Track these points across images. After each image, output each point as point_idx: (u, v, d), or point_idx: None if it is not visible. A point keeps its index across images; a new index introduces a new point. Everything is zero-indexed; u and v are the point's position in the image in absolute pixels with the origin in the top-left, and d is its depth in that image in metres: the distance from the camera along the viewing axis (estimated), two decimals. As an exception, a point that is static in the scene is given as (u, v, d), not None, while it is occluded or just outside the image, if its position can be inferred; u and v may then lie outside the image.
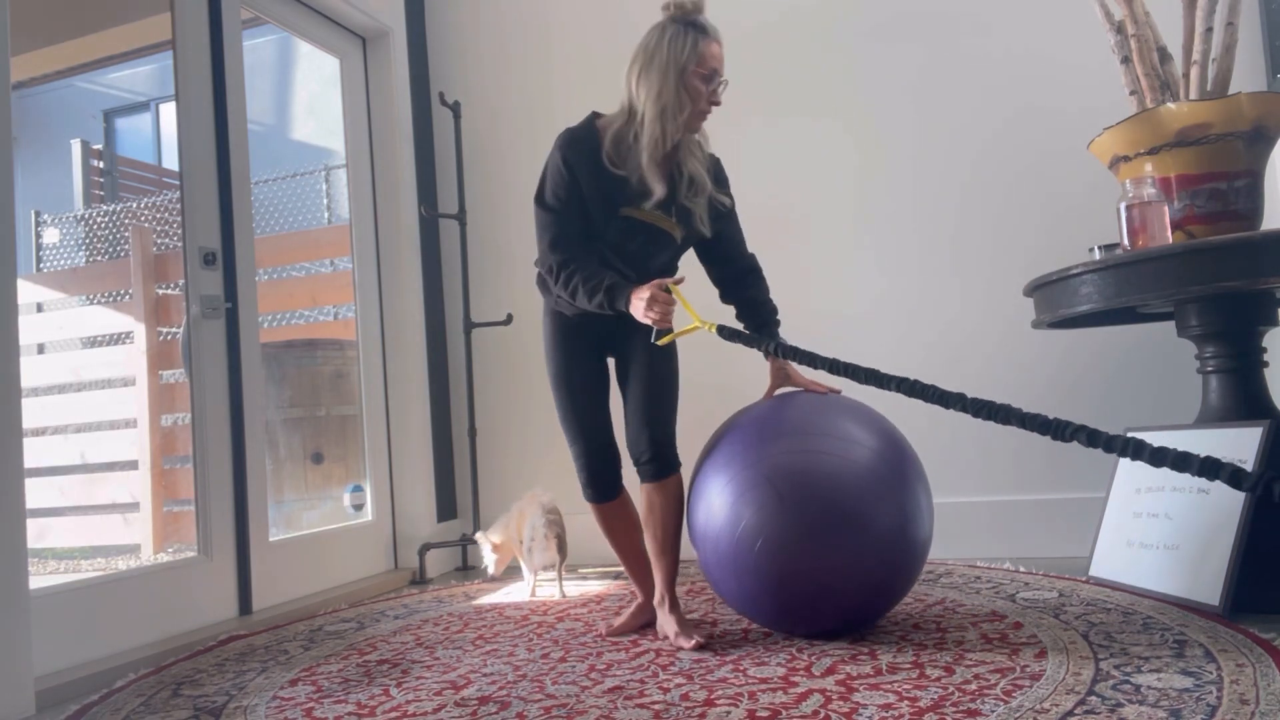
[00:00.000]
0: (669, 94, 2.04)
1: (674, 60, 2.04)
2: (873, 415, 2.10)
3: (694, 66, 2.04)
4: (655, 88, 2.04)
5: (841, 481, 1.92)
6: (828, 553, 1.90)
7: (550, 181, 2.11)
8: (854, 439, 2.00)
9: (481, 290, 3.59)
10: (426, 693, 1.86)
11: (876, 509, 1.92)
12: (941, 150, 3.09)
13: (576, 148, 2.09)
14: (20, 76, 4.16)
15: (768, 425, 2.06)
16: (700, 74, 2.05)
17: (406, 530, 3.41)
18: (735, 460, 2.01)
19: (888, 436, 2.05)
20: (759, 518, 1.92)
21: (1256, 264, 1.91)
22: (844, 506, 1.90)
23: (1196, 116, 2.10)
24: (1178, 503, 2.19)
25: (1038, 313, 2.40)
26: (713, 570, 2.05)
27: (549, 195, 2.12)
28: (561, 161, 2.09)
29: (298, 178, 6.19)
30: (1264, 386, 2.23)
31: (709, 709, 1.64)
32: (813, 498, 1.91)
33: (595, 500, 2.25)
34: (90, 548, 4.41)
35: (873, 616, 2.07)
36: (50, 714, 1.91)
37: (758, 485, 1.94)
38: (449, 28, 3.77)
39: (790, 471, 1.94)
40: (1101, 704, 1.50)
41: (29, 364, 4.20)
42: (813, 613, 1.99)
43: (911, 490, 1.99)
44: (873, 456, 1.98)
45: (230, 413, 2.74)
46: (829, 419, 2.04)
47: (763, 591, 1.97)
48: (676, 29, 2.06)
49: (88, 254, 5.90)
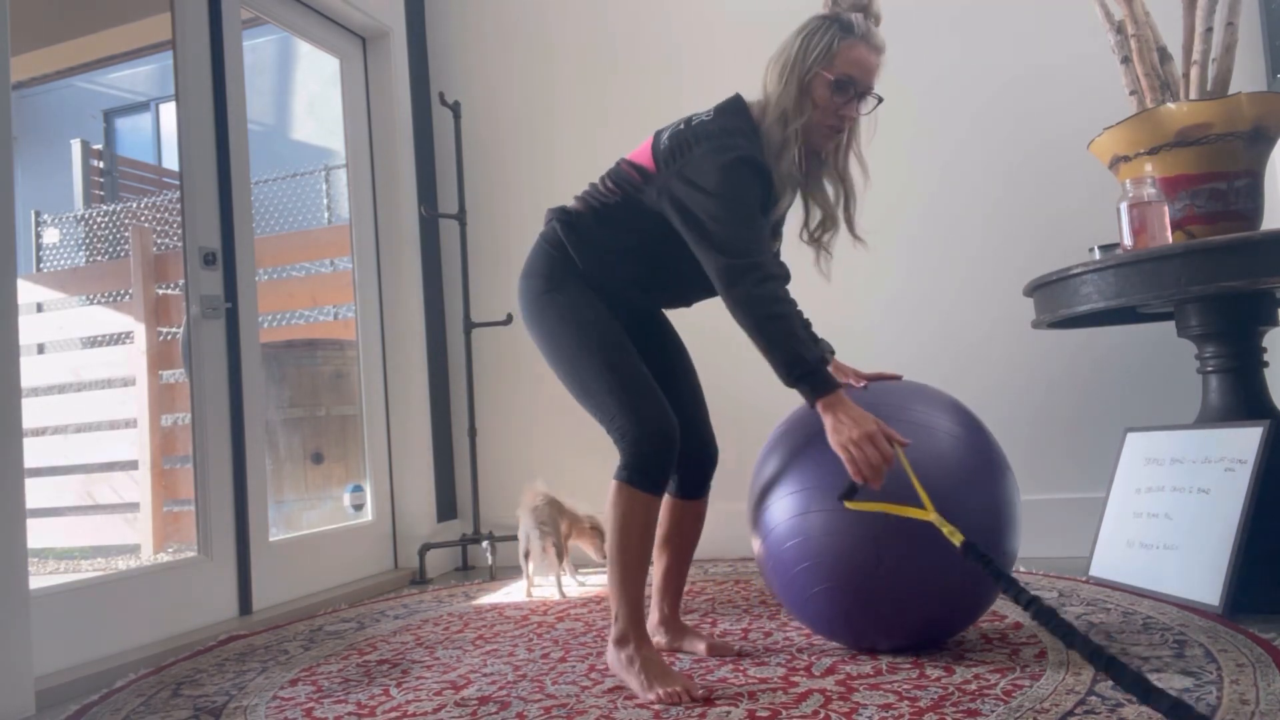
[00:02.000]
0: (788, 98, 1.77)
1: (801, 58, 1.77)
2: (953, 402, 1.90)
3: (821, 69, 1.75)
4: (776, 87, 1.79)
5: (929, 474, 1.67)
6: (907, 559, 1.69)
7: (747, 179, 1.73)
8: (938, 426, 1.78)
9: (481, 290, 3.59)
10: (426, 693, 1.86)
11: (966, 504, 1.70)
12: (941, 150, 3.09)
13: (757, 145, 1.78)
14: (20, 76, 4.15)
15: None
16: (827, 80, 1.76)
17: (406, 530, 3.41)
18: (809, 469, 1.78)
19: (973, 424, 1.85)
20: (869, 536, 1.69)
21: (1256, 264, 1.91)
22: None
23: (1196, 116, 2.10)
24: (1178, 503, 2.19)
25: (1038, 313, 2.40)
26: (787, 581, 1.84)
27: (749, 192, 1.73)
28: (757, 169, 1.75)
29: (298, 178, 6.19)
30: (1264, 386, 2.23)
31: (709, 709, 1.64)
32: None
33: (650, 489, 1.73)
34: (90, 548, 4.41)
35: (949, 631, 1.88)
36: (50, 714, 1.91)
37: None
38: (449, 28, 3.77)
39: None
40: (1101, 704, 1.50)
41: (29, 364, 4.20)
42: (887, 625, 1.80)
43: (1002, 485, 1.79)
44: (959, 445, 1.77)
45: (230, 413, 2.74)
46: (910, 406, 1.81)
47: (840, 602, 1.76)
48: (820, 22, 1.79)
49: (88, 254, 5.90)
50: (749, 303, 1.67)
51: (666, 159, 1.79)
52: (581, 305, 1.82)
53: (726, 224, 1.69)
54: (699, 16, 3.38)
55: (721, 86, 3.36)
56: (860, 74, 1.78)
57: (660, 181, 1.79)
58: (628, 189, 1.84)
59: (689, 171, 1.74)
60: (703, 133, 1.77)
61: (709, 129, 1.77)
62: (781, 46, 1.82)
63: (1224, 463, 2.12)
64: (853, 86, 1.78)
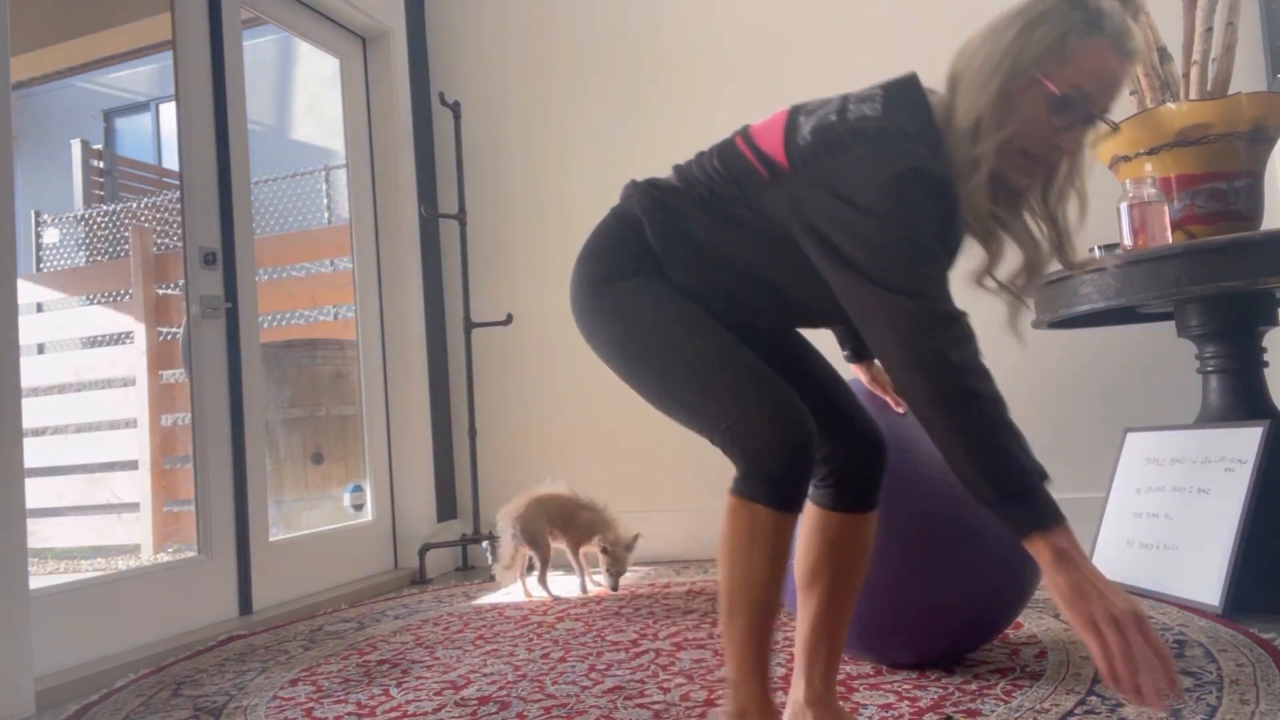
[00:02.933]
0: (984, 101, 1.23)
1: (1016, 50, 1.21)
2: None
3: (1042, 73, 1.20)
4: (971, 83, 1.25)
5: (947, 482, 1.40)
6: (930, 569, 1.62)
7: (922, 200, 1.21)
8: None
9: (481, 290, 3.59)
10: (426, 693, 1.86)
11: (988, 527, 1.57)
12: (941, 150, 3.08)
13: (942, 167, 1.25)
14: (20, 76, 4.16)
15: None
16: (1048, 91, 1.20)
17: (406, 530, 3.41)
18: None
19: None
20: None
21: (1256, 264, 1.91)
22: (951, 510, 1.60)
23: (1196, 116, 2.10)
24: (1178, 503, 2.19)
25: (1038, 313, 2.40)
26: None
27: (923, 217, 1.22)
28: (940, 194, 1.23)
29: (298, 178, 6.19)
30: (1264, 386, 2.23)
31: (709, 709, 1.64)
32: (914, 504, 1.62)
33: (788, 506, 1.25)
34: (90, 548, 4.41)
35: (971, 646, 1.81)
36: (50, 714, 1.91)
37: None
38: (449, 28, 3.77)
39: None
40: (1101, 704, 1.50)
41: (29, 364, 4.20)
42: (908, 639, 1.73)
43: None
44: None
45: (230, 413, 2.74)
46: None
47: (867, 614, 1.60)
48: (1059, 5, 1.21)
49: (88, 254, 5.91)
50: (941, 369, 1.17)
51: (807, 159, 1.28)
52: (653, 294, 1.38)
53: (889, 253, 1.20)
54: (699, 16, 3.37)
55: (722, 86, 3.38)
56: (1099, 90, 1.22)
57: (794, 188, 1.28)
58: (745, 183, 1.34)
59: (838, 181, 1.24)
60: (864, 131, 1.25)
61: (873, 127, 1.25)
62: (989, 28, 1.27)
63: (1224, 463, 2.12)
64: (1083, 106, 1.22)
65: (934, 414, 1.17)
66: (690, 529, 3.22)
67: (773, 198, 1.31)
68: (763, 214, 1.32)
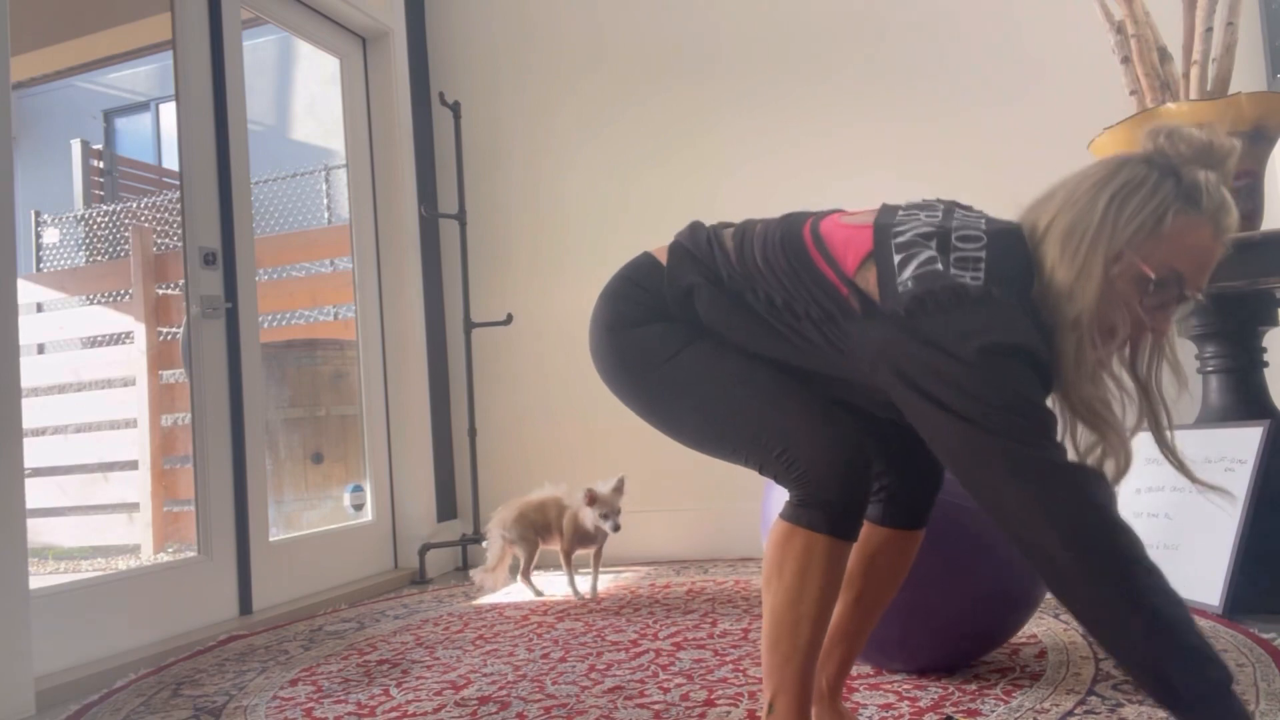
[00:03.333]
0: (1088, 292, 1.12)
1: (1109, 226, 1.12)
2: None
3: (1135, 253, 1.12)
4: (1073, 271, 1.14)
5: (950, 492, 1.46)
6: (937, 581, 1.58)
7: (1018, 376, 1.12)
8: None
9: (481, 290, 3.59)
10: (426, 693, 1.86)
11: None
12: (942, 150, 3.08)
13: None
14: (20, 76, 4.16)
15: None
16: (1141, 272, 1.12)
17: (406, 530, 3.41)
18: None
19: None
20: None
21: (1256, 264, 1.91)
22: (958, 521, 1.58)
23: (1196, 116, 2.10)
24: (1178, 503, 2.19)
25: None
26: None
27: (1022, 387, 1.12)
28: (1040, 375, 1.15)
29: (298, 178, 6.19)
30: (1264, 386, 2.23)
31: (709, 709, 1.64)
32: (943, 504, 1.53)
33: (846, 534, 1.22)
34: (90, 548, 4.41)
35: (976, 655, 1.78)
36: (50, 714, 1.91)
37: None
38: (449, 28, 3.77)
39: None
40: (1101, 704, 1.50)
41: (29, 364, 4.20)
42: (914, 651, 1.71)
43: None
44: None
45: (230, 413, 2.74)
46: None
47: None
48: (1147, 173, 1.14)
49: (88, 254, 5.91)
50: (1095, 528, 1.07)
51: (911, 309, 1.14)
52: (672, 334, 1.32)
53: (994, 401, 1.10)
54: (699, 16, 3.37)
55: (721, 85, 3.38)
56: (1194, 270, 1.13)
57: (889, 330, 1.17)
58: (832, 310, 1.22)
59: (942, 338, 1.12)
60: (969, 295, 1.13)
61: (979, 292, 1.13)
62: (1071, 190, 1.18)
63: (1224, 463, 2.12)
64: (1178, 287, 1.13)
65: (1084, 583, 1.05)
66: (690, 529, 3.23)
67: (861, 332, 1.20)
68: (840, 344, 1.23)
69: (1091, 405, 1.17)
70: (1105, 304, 1.13)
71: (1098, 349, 1.15)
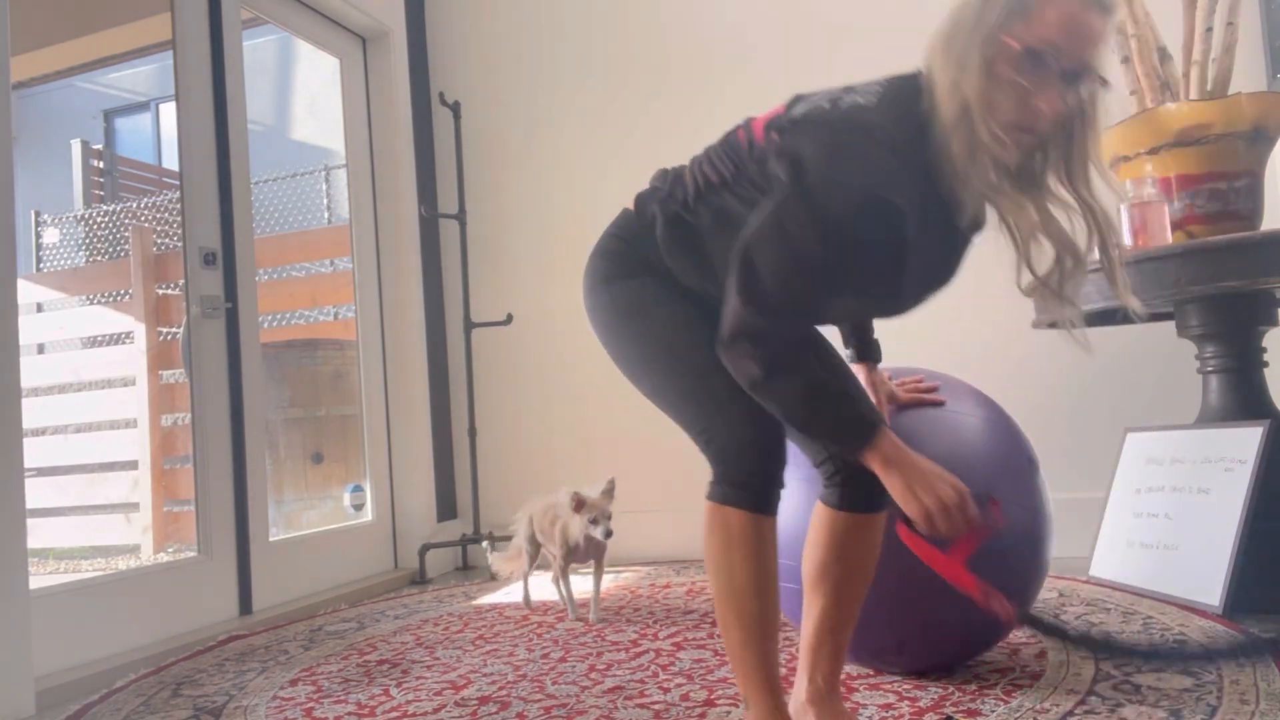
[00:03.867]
0: (971, 83, 1.17)
1: (978, 17, 1.17)
2: (983, 397, 1.78)
3: (1005, 34, 1.16)
4: (953, 68, 1.19)
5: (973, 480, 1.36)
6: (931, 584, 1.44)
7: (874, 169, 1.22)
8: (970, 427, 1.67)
9: (481, 290, 3.59)
10: (426, 693, 1.86)
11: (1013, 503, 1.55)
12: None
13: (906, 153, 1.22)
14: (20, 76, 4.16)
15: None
16: (1013, 50, 1.16)
17: (406, 530, 3.41)
18: None
19: (1006, 424, 1.74)
20: None
21: (1256, 264, 1.91)
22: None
23: (1196, 116, 2.10)
24: (1178, 503, 2.19)
25: (1037, 313, 2.40)
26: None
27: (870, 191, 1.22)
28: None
29: (298, 178, 6.19)
30: (1264, 386, 2.23)
31: (709, 709, 1.64)
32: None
33: (762, 507, 1.31)
34: (90, 548, 4.41)
35: (971, 656, 1.76)
36: (50, 714, 1.91)
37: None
38: (449, 28, 3.77)
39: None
40: (1101, 704, 1.50)
41: (29, 364, 4.20)
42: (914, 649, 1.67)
43: (1035, 483, 1.70)
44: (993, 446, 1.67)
45: (230, 413, 2.74)
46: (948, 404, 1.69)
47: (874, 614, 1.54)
48: None
49: (88, 254, 5.91)
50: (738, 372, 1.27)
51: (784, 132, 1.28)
52: (654, 294, 1.41)
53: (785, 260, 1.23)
54: (697, 16, 3.37)
55: (721, 84, 3.38)
56: (1069, 43, 1.15)
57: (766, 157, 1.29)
58: (738, 161, 1.35)
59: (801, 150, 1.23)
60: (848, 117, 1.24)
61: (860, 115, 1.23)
62: (951, 10, 1.23)
63: (1224, 463, 2.12)
64: (1055, 62, 1.15)
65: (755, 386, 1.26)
66: (690, 529, 3.21)
67: (754, 173, 1.32)
68: (752, 198, 1.31)
69: (988, 195, 1.22)
70: (991, 92, 1.17)
71: (991, 138, 1.17)
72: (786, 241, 1.22)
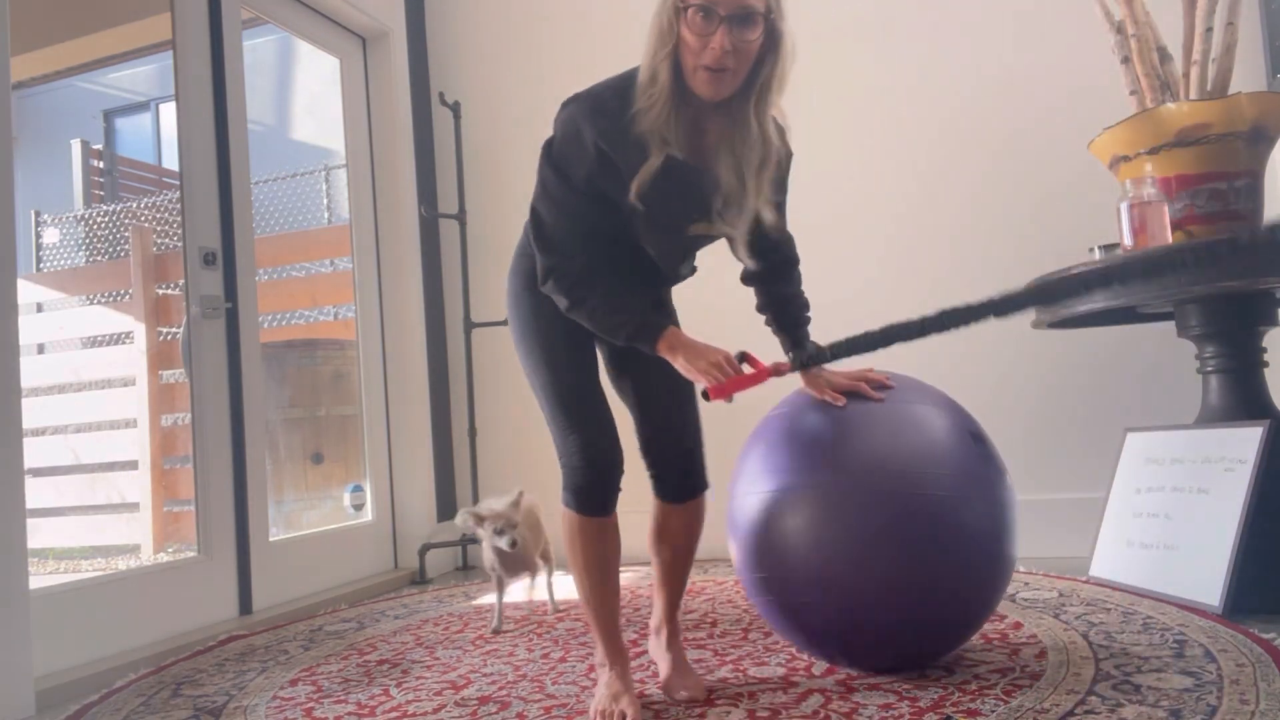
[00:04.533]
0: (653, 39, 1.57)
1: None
2: (948, 400, 1.79)
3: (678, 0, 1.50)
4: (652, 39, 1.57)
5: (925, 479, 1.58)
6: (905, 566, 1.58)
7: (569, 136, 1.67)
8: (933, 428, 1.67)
9: (481, 290, 3.59)
10: (426, 693, 1.86)
11: (965, 512, 1.60)
12: (941, 150, 3.09)
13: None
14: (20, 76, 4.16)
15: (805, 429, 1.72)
16: (686, 9, 1.50)
17: (406, 530, 3.41)
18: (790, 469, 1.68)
19: (965, 424, 1.73)
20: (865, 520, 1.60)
21: (1256, 264, 1.91)
22: (929, 508, 1.58)
23: (1196, 116, 2.10)
24: (1178, 503, 2.19)
25: (1037, 313, 2.40)
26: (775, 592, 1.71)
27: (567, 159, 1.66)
28: None
29: (298, 178, 6.19)
30: (1264, 386, 2.23)
31: (709, 709, 1.64)
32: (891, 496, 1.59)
33: (591, 512, 1.67)
34: (90, 548, 4.41)
35: (943, 650, 1.76)
36: (50, 714, 1.91)
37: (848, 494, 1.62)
38: (449, 28, 3.77)
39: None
40: (1101, 704, 1.50)
41: (29, 364, 4.20)
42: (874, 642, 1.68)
43: (999, 490, 1.69)
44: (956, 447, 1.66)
45: (230, 413, 2.74)
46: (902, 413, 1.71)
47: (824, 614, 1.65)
48: None
49: (88, 254, 5.91)
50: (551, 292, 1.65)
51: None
52: (536, 309, 1.73)
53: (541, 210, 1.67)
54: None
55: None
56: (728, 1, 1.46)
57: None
58: None
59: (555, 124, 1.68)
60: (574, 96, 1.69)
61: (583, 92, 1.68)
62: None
63: (1224, 463, 2.12)
64: (713, 9, 1.46)
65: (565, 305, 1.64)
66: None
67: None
68: None
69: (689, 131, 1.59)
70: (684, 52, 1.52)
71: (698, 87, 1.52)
72: (546, 195, 1.64)
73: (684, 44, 1.51)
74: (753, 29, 1.48)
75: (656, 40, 1.54)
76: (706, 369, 1.54)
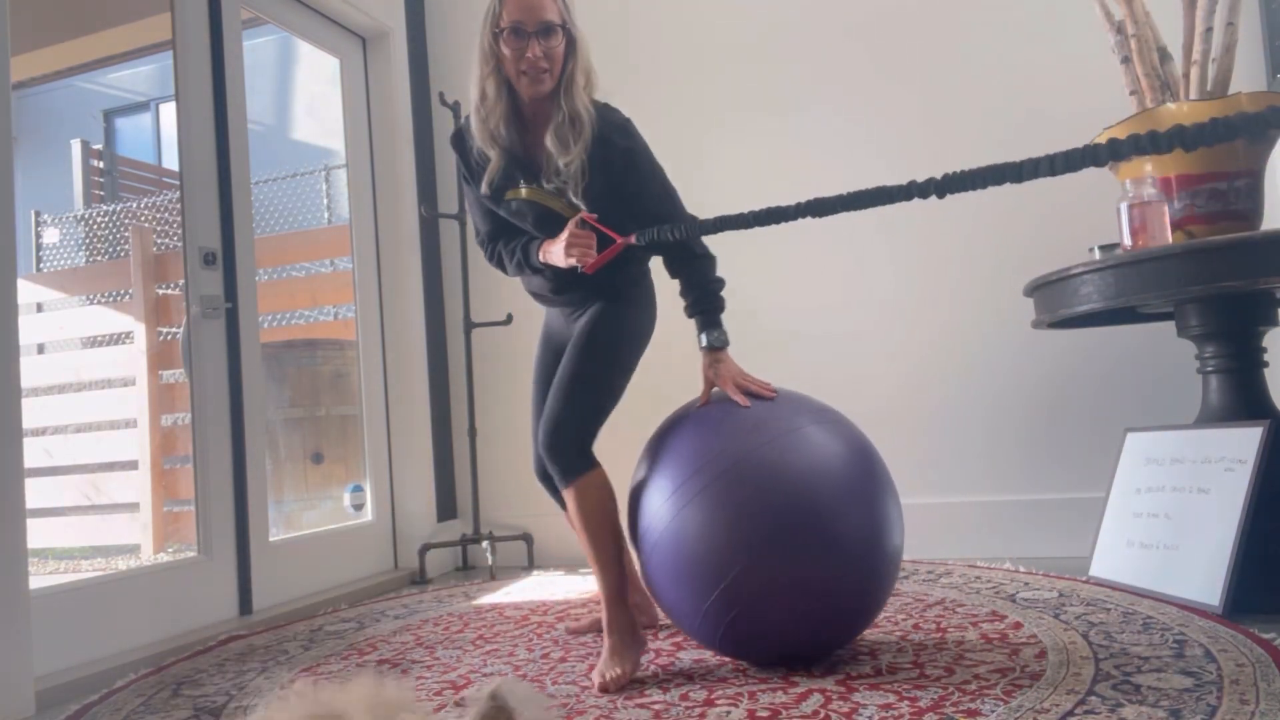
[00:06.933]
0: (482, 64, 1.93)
1: (483, 32, 1.92)
2: (833, 414, 1.89)
3: (494, 29, 1.90)
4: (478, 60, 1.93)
5: (808, 483, 1.72)
6: (791, 563, 1.68)
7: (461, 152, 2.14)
8: (814, 438, 1.78)
9: (481, 290, 3.59)
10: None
11: (846, 516, 1.72)
12: (941, 150, 3.08)
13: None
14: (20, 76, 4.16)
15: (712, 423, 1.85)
16: (502, 36, 1.89)
17: (406, 530, 3.41)
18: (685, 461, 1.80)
19: (852, 437, 1.84)
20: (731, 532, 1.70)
21: (1256, 264, 1.91)
22: (811, 510, 1.70)
23: (1196, 116, 2.10)
24: (1178, 503, 2.19)
25: (1038, 313, 2.40)
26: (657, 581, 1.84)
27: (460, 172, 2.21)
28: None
29: (298, 178, 6.19)
30: (1264, 386, 2.23)
31: (709, 709, 1.64)
32: (775, 499, 1.70)
33: (549, 489, 2.23)
34: (90, 548, 4.41)
35: (833, 646, 1.86)
36: (50, 714, 1.91)
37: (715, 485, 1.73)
38: (449, 28, 3.77)
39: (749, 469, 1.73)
40: (1101, 704, 1.50)
41: (29, 364, 4.20)
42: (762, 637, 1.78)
43: (881, 497, 1.79)
44: (838, 457, 1.77)
45: (230, 413, 2.74)
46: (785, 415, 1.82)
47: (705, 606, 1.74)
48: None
49: (88, 254, 5.90)
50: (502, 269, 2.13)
51: None
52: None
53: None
54: (696, 17, 3.37)
55: (721, 84, 3.38)
56: (524, 15, 1.87)
57: None
58: None
59: None
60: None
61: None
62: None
63: (1224, 463, 2.12)
64: (522, 28, 1.87)
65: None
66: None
67: None
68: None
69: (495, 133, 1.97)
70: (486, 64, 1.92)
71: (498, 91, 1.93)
72: (468, 200, 2.14)
73: (504, 59, 1.90)
74: (555, 36, 1.90)
75: (481, 62, 1.92)
76: (570, 250, 1.86)
